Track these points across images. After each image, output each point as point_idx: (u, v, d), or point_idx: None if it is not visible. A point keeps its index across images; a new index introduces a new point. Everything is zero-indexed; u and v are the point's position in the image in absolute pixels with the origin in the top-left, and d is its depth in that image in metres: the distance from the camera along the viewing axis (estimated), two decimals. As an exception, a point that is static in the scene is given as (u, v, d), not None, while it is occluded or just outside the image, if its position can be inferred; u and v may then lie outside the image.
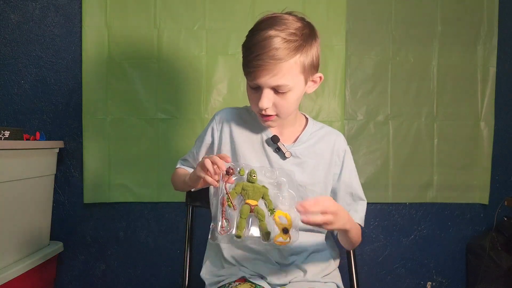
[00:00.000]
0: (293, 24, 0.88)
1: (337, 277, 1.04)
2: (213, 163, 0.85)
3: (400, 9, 1.82)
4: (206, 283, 1.04)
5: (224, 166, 0.85)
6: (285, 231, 0.86)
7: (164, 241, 1.79)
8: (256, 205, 0.87)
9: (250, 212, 0.87)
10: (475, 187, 1.87)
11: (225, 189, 0.87)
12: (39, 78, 1.73)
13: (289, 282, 0.98)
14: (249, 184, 0.89)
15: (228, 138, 1.03)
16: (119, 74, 1.71)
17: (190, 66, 1.72)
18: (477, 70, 1.86)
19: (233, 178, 0.88)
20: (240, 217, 0.86)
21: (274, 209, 0.89)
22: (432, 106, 1.85)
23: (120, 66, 1.71)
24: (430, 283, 1.91)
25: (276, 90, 0.89)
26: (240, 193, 0.89)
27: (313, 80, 0.96)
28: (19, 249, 1.48)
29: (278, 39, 0.84)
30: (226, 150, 1.02)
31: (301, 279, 0.98)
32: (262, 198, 0.89)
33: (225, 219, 0.87)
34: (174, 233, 1.79)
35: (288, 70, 0.86)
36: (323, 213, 0.77)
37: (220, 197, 0.87)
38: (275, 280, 0.97)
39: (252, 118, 1.04)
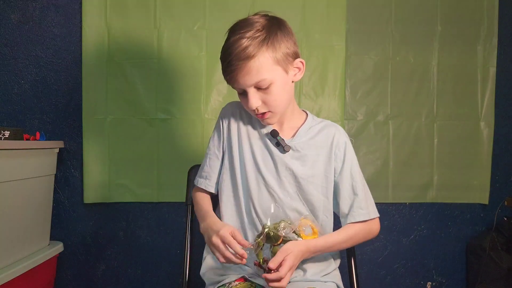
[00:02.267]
0: (256, 23, 0.92)
1: (337, 277, 1.04)
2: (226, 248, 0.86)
3: (400, 9, 1.82)
4: (206, 282, 1.05)
5: (244, 254, 0.85)
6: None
7: (164, 241, 1.79)
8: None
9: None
10: (475, 187, 1.87)
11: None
12: (39, 78, 1.73)
13: (289, 282, 0.98)
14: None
15: (236, 130, 1.05)
16: (119, 74, 1.71)
17: (190, 66, 1.72)
18: (477, 70, 1.86)
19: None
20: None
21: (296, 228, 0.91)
22: (432, 106, 1.85)
23: (120, 66, 1.71)
24: (430, 283, 1.91)
25: (258, 88, 0.92)
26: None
27: (296, 67, 0.98)
28: (19, 249, 1.48)
29: (243, 40, 0.88)
30: (234, 142, 1.04)
31: (301, 279, 0.98)
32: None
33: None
34: (174, 233, 1.79)
35: (260, 65, 0.89)
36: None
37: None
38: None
39: None
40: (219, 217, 1.05)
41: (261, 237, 0.88)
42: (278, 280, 0.84)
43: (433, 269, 1.90)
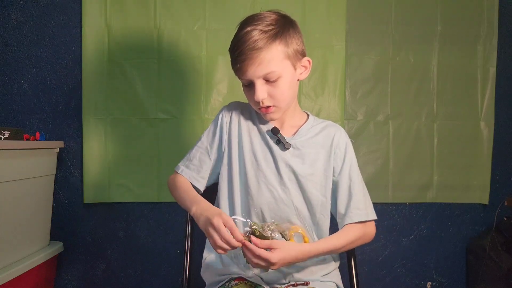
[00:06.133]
0: (269, 17, 0.94)
1: (336, 277, 1.04)
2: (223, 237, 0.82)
3: (400, 9, 1.82)
4: (206, 282, 1.05)
5: (242, 240, 0.83)
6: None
7: (164, 241, 1.79)
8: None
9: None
10: (475, 187, 1.87)
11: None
12: (39, 78, 1.73)
13: (289, 282, 0.98)
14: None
15: (236, 127, 1.05)
16: (119, 74, 1.71)
17: (190, 66, 1.72)
18: (477, 70, 1.86)
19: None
20: None
21: (285, 231, 0.90)
22: (432, 106, 1.85)
23: (120, 66, 1.71)
24: (430, 283, 1.91)
25: (266, 80, 0.93)
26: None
27: (303, 66, 0.99)
28: (19, 249, 1.48)
29: (256, 32, 0.90)
30: (234, 140, 1.04)
31: (301, 279, 0.98)
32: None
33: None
34: (174, 233, 1.79)
35: (271, 58, 0.90)
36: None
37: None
38: (275, 279, 0.97)
39: (256, 112, 1.06)
40: None
41: (247, 234, 0.86)
42: (263, 259, 0.82)
43: (433, 269, 1.90)
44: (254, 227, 0.86)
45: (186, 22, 1.72)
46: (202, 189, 1.06)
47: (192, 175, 1.05)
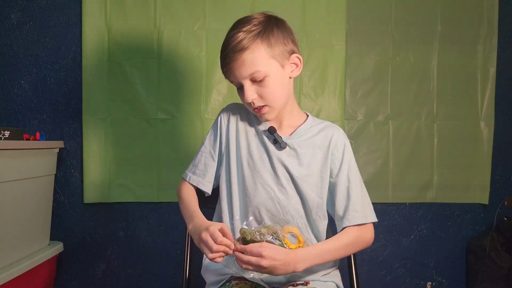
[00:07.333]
0: (254, 19, 0.94)
1: (336, 277, 1.04)
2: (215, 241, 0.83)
3: (400, 9, 1.82)
4: (207, 282, 1.05)
5: (231, 246, 0.84)
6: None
7: (164, 241, 1.79)
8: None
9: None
10: (475, 187, 1.87)
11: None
12: (39, 78, 1.73)
13: (288, 282, 0.98)
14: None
15: (234, 129, 1.06)
16: (119, 74, 1.71)
17: (190, 66, 1.72)
18: (477, 70, 1.86)
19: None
20: None
21: (278, 232, 0.89)
22: (432, 106, 1.85)
23: (120, 66, 1.71)
24: (430, 283, 1.91)
25: (253, 80, 0.94)
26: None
27: (293, 63, 0.99)
28: (19, 249, 1.48)
29: (240, 33, 0.91)
30: (232, 142, 1.04)
31: (301, 278, 0.98)
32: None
33: None
34: (174, 233, 1.79)
35: (255, 57, 0.91)
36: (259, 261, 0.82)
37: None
38: (274, 279, 0.97)
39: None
40: (219, 215, 1.05)
41: (238, 240, 0.87)
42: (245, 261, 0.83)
43: (433, 269, 1.90)
44: (244, 231, 0.87)
45: (186, 22, 1.72)
46: (209, 191, 1.07)
47: (198, 180, 1.06)
